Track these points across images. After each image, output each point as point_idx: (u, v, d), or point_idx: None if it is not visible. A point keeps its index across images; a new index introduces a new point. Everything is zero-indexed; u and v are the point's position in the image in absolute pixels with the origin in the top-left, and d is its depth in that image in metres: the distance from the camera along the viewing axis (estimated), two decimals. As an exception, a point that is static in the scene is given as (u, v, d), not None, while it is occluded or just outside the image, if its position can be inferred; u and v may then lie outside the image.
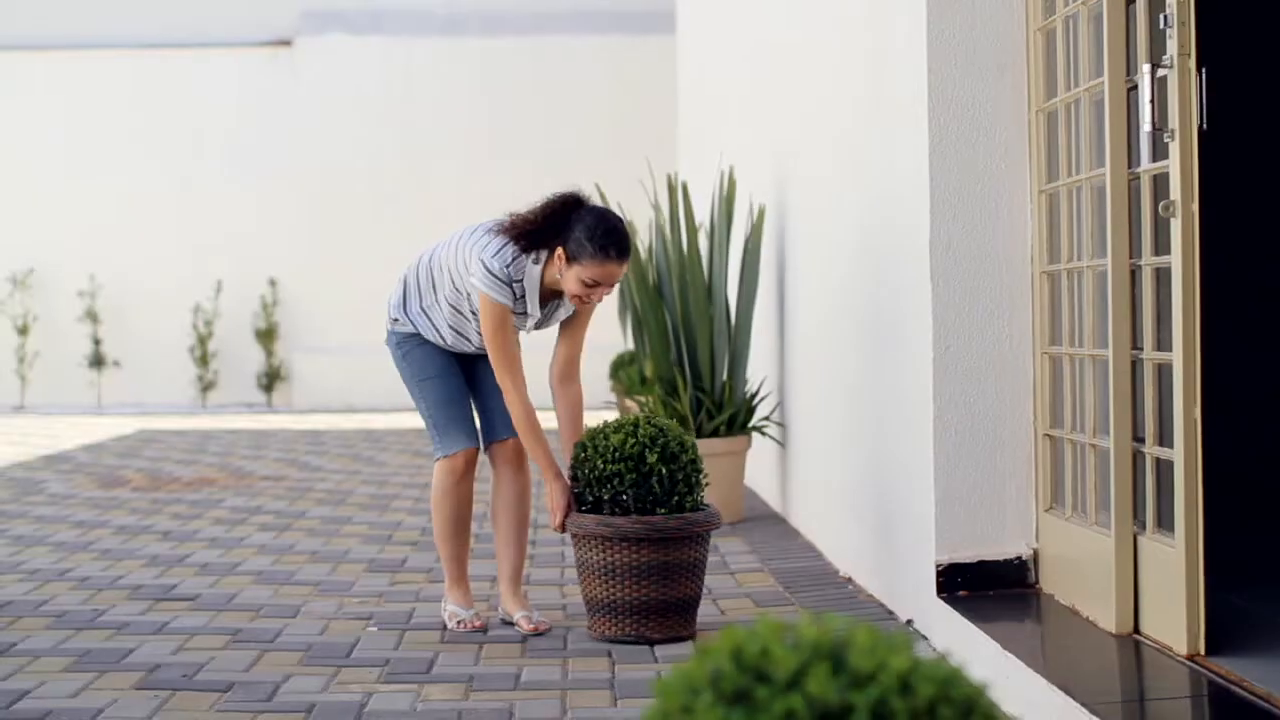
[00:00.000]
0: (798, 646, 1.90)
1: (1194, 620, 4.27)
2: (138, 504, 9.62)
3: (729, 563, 7.11)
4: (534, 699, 4.85)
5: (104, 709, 4.79)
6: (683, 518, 5.52)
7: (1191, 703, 4.02)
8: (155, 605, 6.38)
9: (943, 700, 1.85)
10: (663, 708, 1.90)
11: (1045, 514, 5.18)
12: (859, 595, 6.25)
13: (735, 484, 8.38)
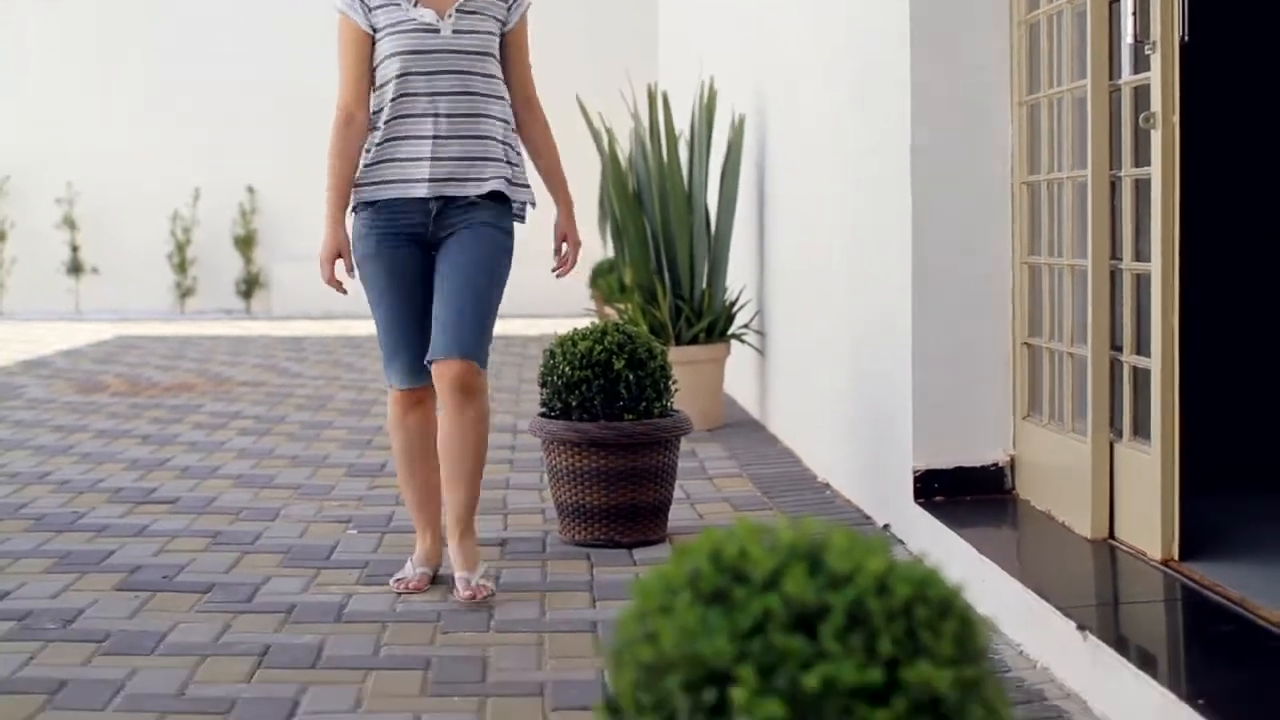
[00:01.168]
0: (775, 548, 1.92)
1: (1169, 526, 4.30)
2: (117, 409, 9.62)
3: (707, 468, 7.15)
4: (513, 600, 4.88)
5: (85, 610, 4.81)
6: (650, 423, 5.56)
7: (1165, 606, 4.06)
8: (135, 508, 6.40)
9: (919, 601, 1.87)
10: (641, 607, 1.92)
11: (1023, 421, 5.21)
12: (837, 500, 6.28)
13: (714, 391, 8.40)
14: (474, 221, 4.87)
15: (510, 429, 8.51)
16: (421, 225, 4.88)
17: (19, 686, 4.08)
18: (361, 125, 4.82)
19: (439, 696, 3.99)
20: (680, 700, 1.82)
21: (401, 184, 4.85)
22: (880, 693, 1.80)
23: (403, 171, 4.86)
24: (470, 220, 4.87)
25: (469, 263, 4.84)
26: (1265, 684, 3.36)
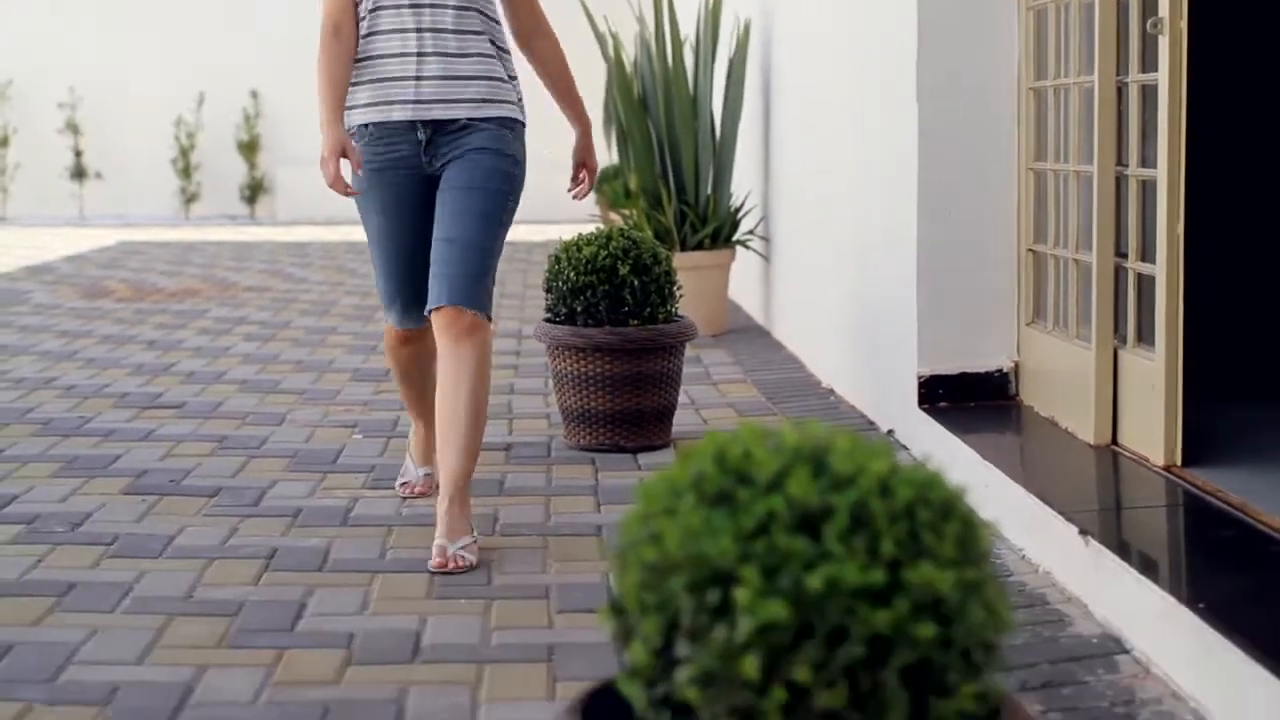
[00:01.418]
0: (779, 450, 1.93)
1: (1171, 432, 4.32)
2: (122, 314, 9.63)
3: (712, 374, 7.16)
4: (518, 505, 4.91)
5: (92, 513, 4.84)
6: (655, 329, 5.57)
7: (1167, 512, 4.08)
8: (141, 413, 6.42)
9: (921, 503, 1.88)
10: (645, 509, 1.93)
11: (1027, 327, 5.21)
12: (841, 406, 6.30)
13: (719, 297, 8.40)
14: (470, 148, 4.46)
15: (515, 335, 8.52)
16: (413, 155, 4.49)
17: (28, 589, 4.11)
18: (350, 35, 4.49)
19: (445, 599, 4.02)
20: (684, 601, 1.84)
21: (383, 106, 4.48)
22: (882, 594, 1.82)
23: (384, 92, 4.49)
24: (465, 146, 4.46)
25: (465, 198, 4.44)
26: (1266, 588, 3.38)
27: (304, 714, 3.27)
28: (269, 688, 3.42)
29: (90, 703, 3.34)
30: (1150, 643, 3.39)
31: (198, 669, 3.54)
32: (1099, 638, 3.56)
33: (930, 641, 1.82)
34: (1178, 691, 3.21)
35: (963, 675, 1.87)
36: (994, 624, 1.90)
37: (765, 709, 1.81)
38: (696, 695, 1.83)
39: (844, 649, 1.79)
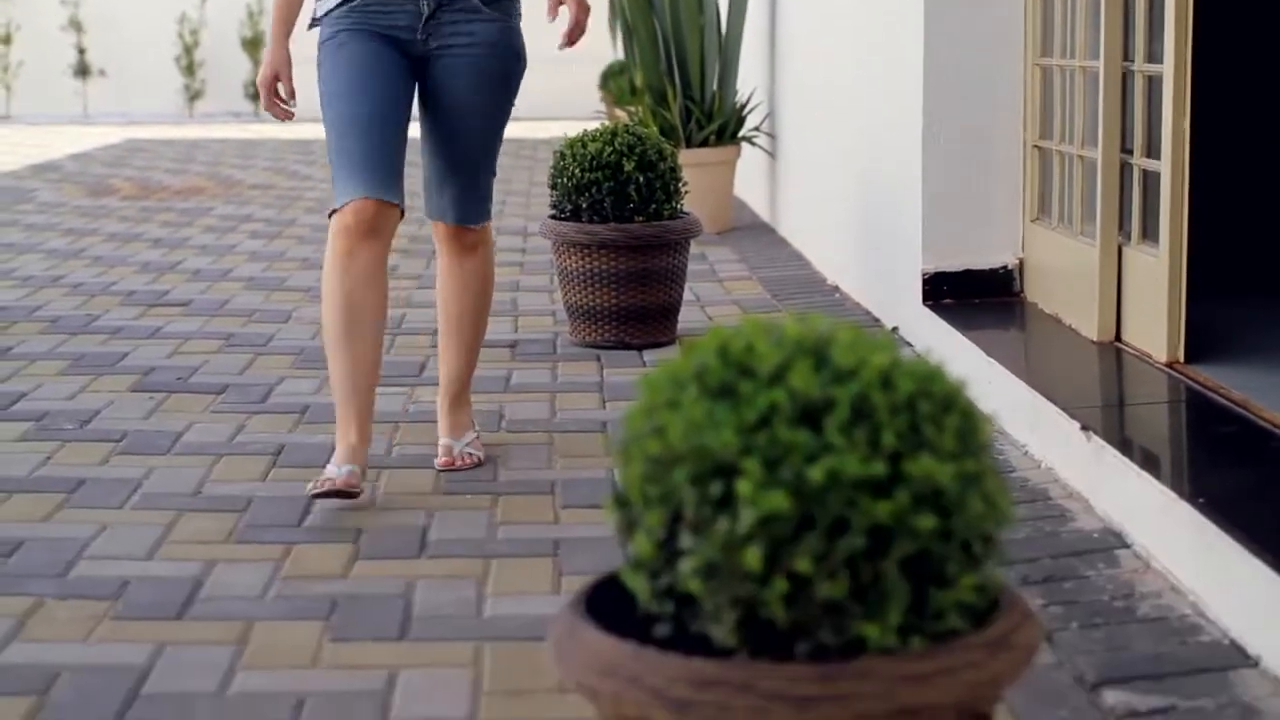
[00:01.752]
0: (781, 344, 1.94)
1: (1174, 329, 4.32)
2: (127, 212, 9.63)
3: (717, 271, 7.17)
4: (523, 401, 4.94)
5: (100, 410, 4.87)
6: (660, 225, 5.57)
7: (1169, 408, 4.09)
8: (148, 310, 6.44)
9: (922, 395, 1.90)
10: (648, 402, 1.95)
11: (1032, 224, 5.21)
12: (846, 303, 6.31)
13: (724, 194, 8.39)
14: (475, 42, 4.08)
15: (521, 232, 8.52)
16: (409, 29, 4.05)
17: (38, 485, 4.14)
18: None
19: (451, 495, 4.05)
20: (687, 493, 1.86)
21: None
22: (883, 485, 1.84)
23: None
24: (471, 39, 4.08)
25: (475, 114, 4.14)
26: (1266, 483, 3.40)
27: (312, 608, 3.31)
28: (277, 582, 3.46)
29: (101, 597, 3.38)
30: (1151, 537, 3.41)
31: (206, 564, 3.57)
32: (1100, 533, 3.59)
33: (930, 533, 1.84)
34: (1177, 585, 3.24)
35: (962, 567, 1.90)
36: (994, 516, 1.92)
37: (767, 599, 1.83)
38: (699, 586, 1.86)
39: (845, 540, 1.81)
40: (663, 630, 1.94)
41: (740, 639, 1.87)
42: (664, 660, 1.85)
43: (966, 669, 1.86)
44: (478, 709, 2.84)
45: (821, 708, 1.80)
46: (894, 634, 1.85)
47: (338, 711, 2.83)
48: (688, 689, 1.82)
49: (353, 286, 3.92)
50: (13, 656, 3.08)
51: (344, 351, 3.93)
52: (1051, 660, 2.96)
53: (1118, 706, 2.75)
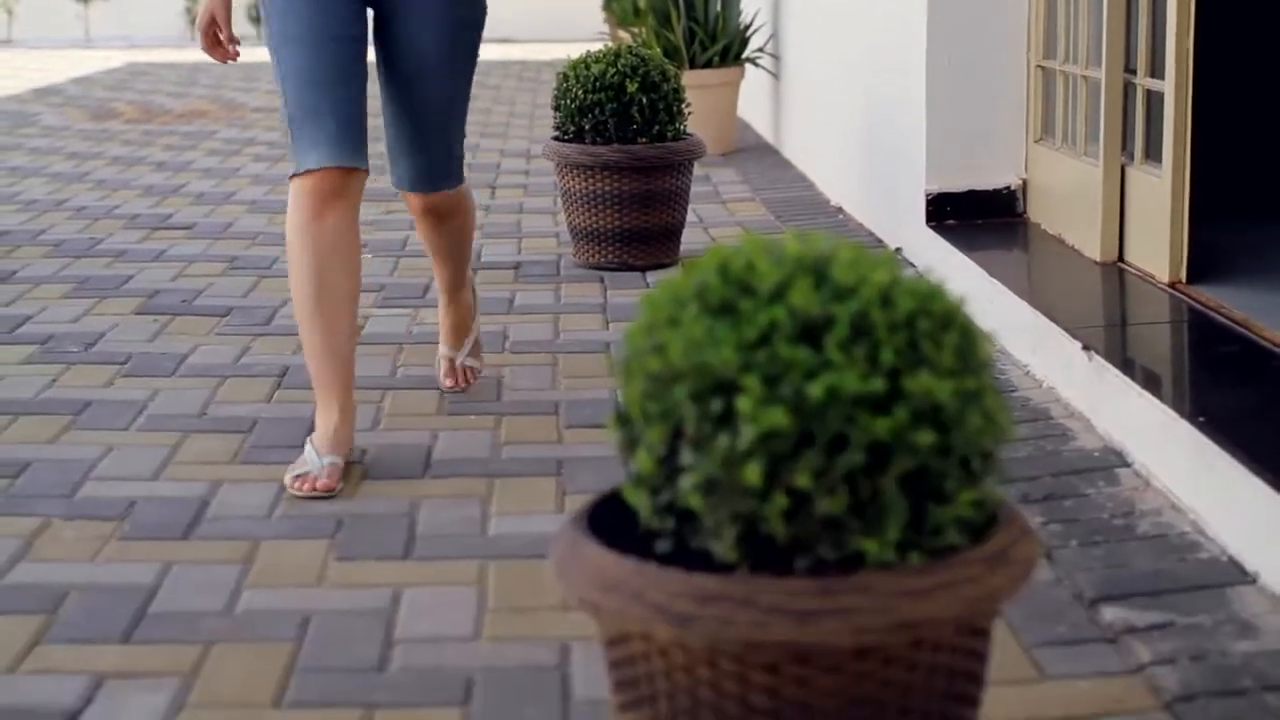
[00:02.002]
0: (782, 261, 1.95)
1: (1177, 249, 4.33)
2: (130, 136, 9.62)
3: (721, 192, 7.16)
4: (527, 322, 4.95)
5: (105, 333, 4.89)
6: (663, 147, 5.57)
7: (1171, 327, 4.10)
8: (152, 234, 6.45)
9: (921, 313, 1.91)
10: (649, 319, 1.96)
11: (1035, 145, 5.20)
12: (849, 224, 6.31)
13: (728, 115, 8.37)
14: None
15: (524, 154, 8.51)
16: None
17: (44, 408, 4.16)
18: None
19: (455, 415, 4.07)
20: (688, 410, 1.87)
21: None
22: (882, 402, 1.85)
23: None
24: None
25: (441, 65, 3.75)
26: (1265, 402, 3.42)
27: (318, 527, 3.33)
28: (283, 502, 3.48)
29: (108, 517, 3.40)
30: (1151, 456, 3.43)
31: (212, 484, 3.60)
32: (1100, 451, 3.61)
33: (929, 449, 1.85)
34: (1177, 503, 3.26)
35: (961, 483, 1.91)
36: (992, 432, 1.94)
37: (767, 515, 1.85)
38: (700, 502, 1.88)
39: (844, 456, 1.83)
40: (664, 546, 1.96)
41: (740, 554, 1.89)
42: (666, 575, 1.87)
43: (965, 584, 1.88)
44: (482, 626, 2.87)
45: (821, 622, 1.82)
46: (893, 549, 1.87)
47: (343, 629, 2.86)
48: (689, 604, 1.84)
49: (322, 257, 3.59)
50: (21, 576, 3.11)
51: (318, 324, 3.61)
52: (1050, 577, 2.99)
53: (1116, 622, 2.78)
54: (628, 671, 1.99)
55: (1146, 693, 2.55)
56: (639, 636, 1.93)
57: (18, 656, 2.76)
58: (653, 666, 1.94)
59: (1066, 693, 2.56)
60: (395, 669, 2.71)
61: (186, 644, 2.81)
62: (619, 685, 2.03)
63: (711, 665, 1.88)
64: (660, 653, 1.92)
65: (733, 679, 1.88)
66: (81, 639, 2.83)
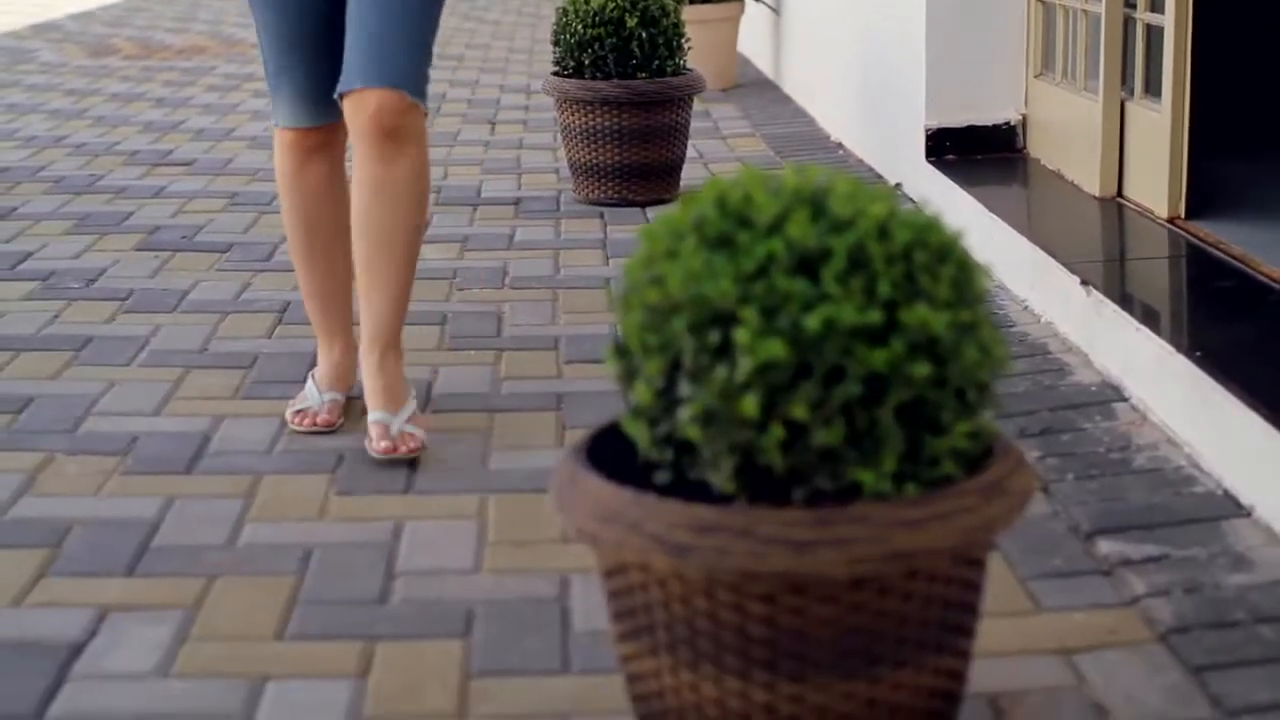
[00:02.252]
0: (780, 194, 1.96)
1: (1176, 184, 4.33)
2: (129, 72, 9.59)
3: (721, 128, 7.15)
4: (527, 258, 4.96)
5: (106, 269, 4.90)
6: (663, 81, 5.57)
7: (1169, 262, 4.11)
8: (152, 170, 6.45)
9: (918, 245, 1.92)
10: (648, 252, 1.97)
11: (1035, 79, 5.20)
12: (849, 160, 6.30)
13: (728, 51, 8.35)
14: None
15: (524, 90, 8.49)
16: None
17: (46, 343, 4.18)
18: None
19: (455, 350, 4.08)
20: (686, 341, 1.88)
21: None
22: (879, 334, 1.86)
23: None
24: None
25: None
26: (1262, 336, 3.43)
27: (319, 461, 3.35)
28: (284, 436, 3.50)
29: (110, 452, 3.42)
30: (1148, 390, 3.44)
31: (214, 419, 3.61)
32: (1098, 386, 3.62)
33: (925, 380, 1.87)
34: (1173, 437, 3.28)
35: (957, 414, 1.93)
36: (988, 364, 1.95)
37: (764, 446, 1.87)
38: (698, 433, 1.89)
39: (841, 388, 1.84)
40: (662, 477, 1.97)
41: (738, 485, 1.91)
42: (664, 506, 1.89)
43: (961, 514, 1.90)
44: (482, 559, 2.89)
45: (818, 552, 1.84)
46: (889, 480, 1.89)
47: (344, 562, 2.88)
48: (687, 534, 1.86)
49: (308, 207, 3.59)
50: (25, 510, 3.13)
51: (313, 268, 3.62)
52: (1047, 510, 3.01)
53: (1111, 555, 2.80)
54: (626, 602, 2.01)
55: (1141, 625, 2.57)
56: (637, 567, 1.95)
57: (23, 590, 2.79)
58: (651, 597, 1.96)
59: (1061, 624, 2.58)
60: (396, 601, 2.73)
61: (189, 577, 2.83)
62: (618, 615, 2.05)
63: (709, 595, 1.91)
64: (658, 583, 1.94)
65: (730, 609, 1.90)
66: (85, 572, 2.85)
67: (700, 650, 1.94)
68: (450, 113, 7.76)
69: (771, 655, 1.92)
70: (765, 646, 1.92)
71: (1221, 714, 2.29)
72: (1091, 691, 2.37)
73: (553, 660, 2.52)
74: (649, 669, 2.02)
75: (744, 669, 1.93)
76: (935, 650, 2.00)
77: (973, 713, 2.31)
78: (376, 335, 3.41)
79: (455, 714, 2.37)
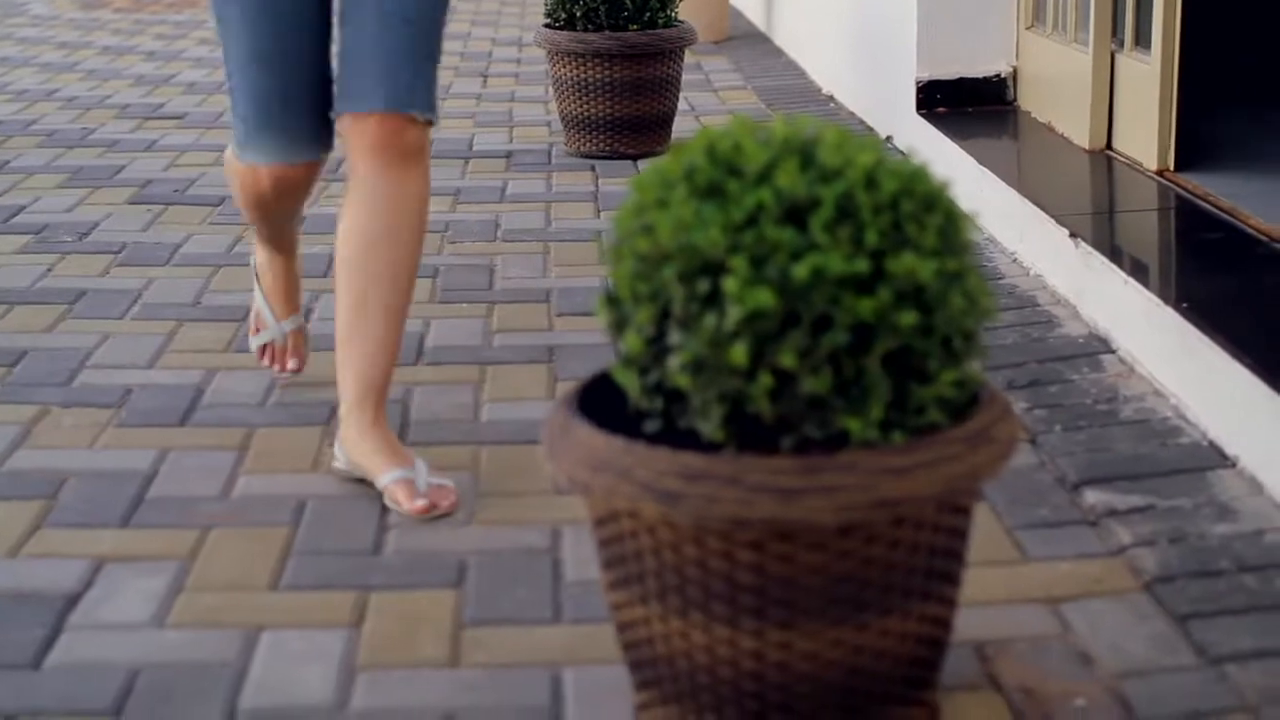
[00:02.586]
0: (769, 143, 1.98)
1: (1165, 136, 4.34)
2: (120, 25, 9.57)
3: (712, 80, 7.15)
4: (519, 211, 4.97)
5: (99, 222, 4.90)
6: (654, 34, 5.57)
7: (1158, 215, 4.12)
8: (144, 123, 6.44)
9: (905, 195, 1.94)
10: (639, 201, 1.99)
11: (1026, 32, 5.20)
12: (840, 113, 6.31)
13: (720, 2, 8.34)
14: None
15: (516, 42, 8.49)
16: None
17: (40, 297, 4.19)
18: None
19: (447, 303, 4.10)
20: (675, 290, 1.90)
21: None
22: (866, 283, 1.88)
23: None
24: None
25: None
26: (1248, 289, 3.45)
27: (311, 414, 3.37)
28: (277, 389, 3.52)
29: (104, 405, 3.44)
30: (1135, 342, 3.46)
31: (207, 372, 3.63)
32: (1085, 338, 3.64)
33: (912, 329, 1.89)
34: (1160, 389, 3.30)
35: (943, 363, 1.95)
36: (974, 313, 1.97)
37: (753, 394, 1.89)
38: (688, 381, 1.91)
39: (828, 336, 1.86)
40: (652, 426, 2.00)
41: (727, 434, 1.93)
42: (653, 454, 1.91)
43: (947, 462, 1.92)
44: (475, 510, 2.91)
45: (805, 499, 1.86)
46: (876, 428, 1.91)
47: (338, 513, 2.90)
48: (677, 481, 1.88)
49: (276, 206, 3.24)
50: (20, 462, 3.15)
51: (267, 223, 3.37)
52: (1034, 461, 3.03)
53: (1097, 505, 2.82)
54: (616, 550, 2.03)
55: (1126, 574, 2.60)
56: (627, 514, 1.98)
57: (19, 540, 2.81)
58: (640, 544, 1.98)
59: (1048, 574, 2.61)
60: (389, 552, 2.76)
61: (184, 529, 2.85)
62: (608, 564, 2.07)
63: (698, 543, 1.93)
64: (648, 530, 1.96)
65: (719, 556, 1.93)
66: (80, 524, 2.87)
67: (689, 598, 1.97)
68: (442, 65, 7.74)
69: (760, 602, 1.94)
70: (754, 594, 1.94)
71: (1205, 662, 2.32)
72: (1077, 640, 2.40)
73: (544, 610, 2.55)
74: (639, 616, 2.04)
75: (733, 616, 1.95)
76: (922, 597, 2.02)
77: (959, 660, 2.34)
78: (368, 390, 2.99)
79: (448, 663, 2.40)
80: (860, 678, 2.01)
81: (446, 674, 2.37)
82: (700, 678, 2.01)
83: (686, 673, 2.02)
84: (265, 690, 2.33)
